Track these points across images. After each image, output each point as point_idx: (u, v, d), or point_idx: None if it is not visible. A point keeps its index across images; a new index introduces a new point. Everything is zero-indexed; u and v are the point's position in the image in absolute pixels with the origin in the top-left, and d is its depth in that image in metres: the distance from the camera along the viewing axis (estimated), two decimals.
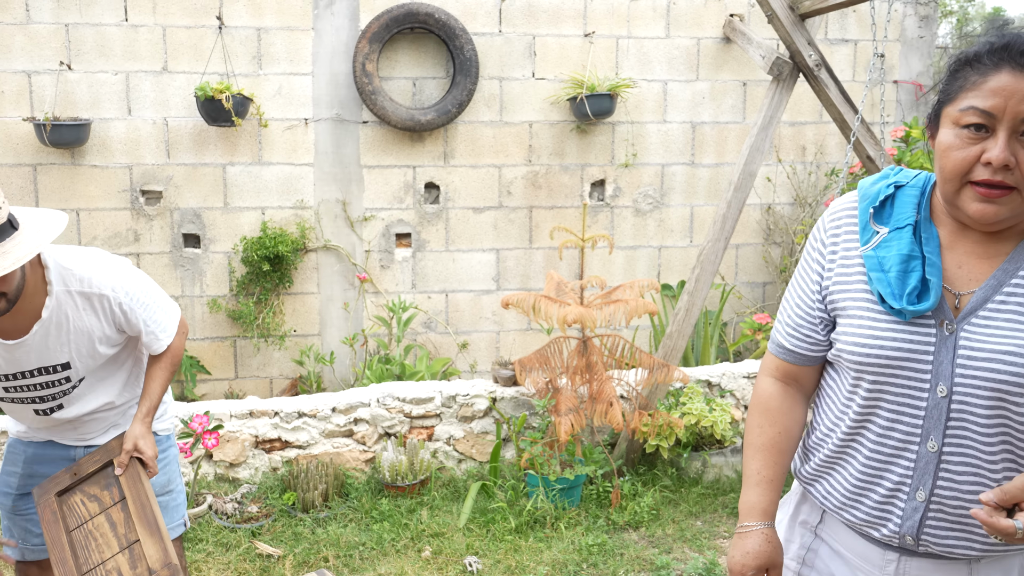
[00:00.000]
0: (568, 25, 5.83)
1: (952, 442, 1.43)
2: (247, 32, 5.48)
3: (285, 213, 5.67)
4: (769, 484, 1.64)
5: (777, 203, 6.28)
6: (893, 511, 1.50)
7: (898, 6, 6.23)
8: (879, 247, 1.49)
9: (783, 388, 1.69)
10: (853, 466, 1.54)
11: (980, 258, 1.45)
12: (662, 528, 4.10)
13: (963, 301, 1.44)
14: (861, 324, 1.49)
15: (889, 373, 1.46)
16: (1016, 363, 1.36)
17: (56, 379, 2.37)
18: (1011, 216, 1.39)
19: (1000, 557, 1.49)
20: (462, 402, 4.60)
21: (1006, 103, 1.33)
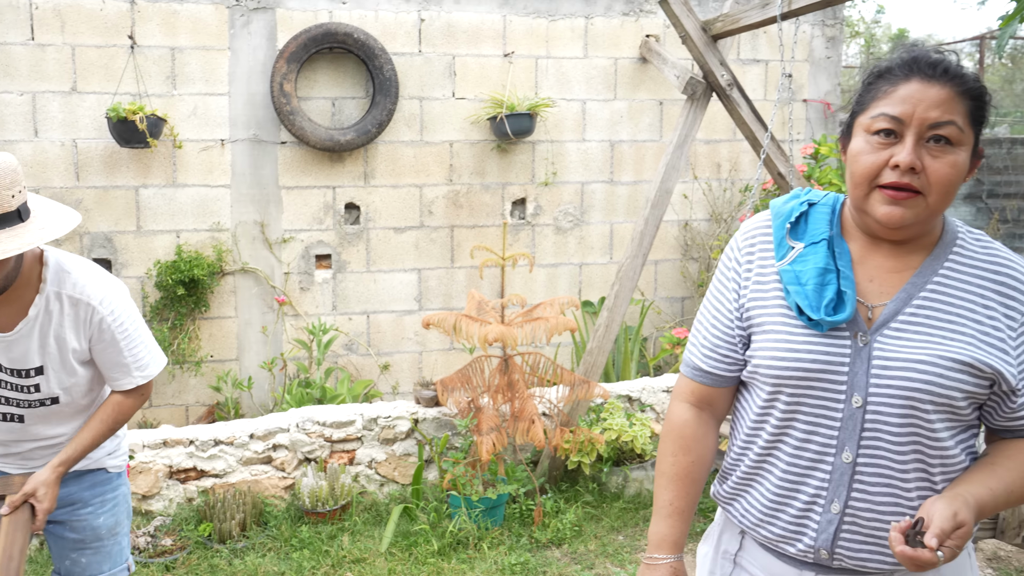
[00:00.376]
0: (487, 45, 5.87)
1: (866, 453, 1.45)
2: (161, 52, 5.38)
3: (201, 236, 5.55)
4: (680, 515, 1.64)
5: (694, 219, 6.40)
6: (809, 524, 1.51)
7: (806, 28, 6.44)
8: (795, 262, 1.52)
9: (697, 414, 1.68)
10: (770, 480, 1.55)
11: (890, 271, 1.49)
12: (584, 544, 4.11)
13: (876, 313, 1.47)
14: (778, 338, 1.51)
15: (806, 385, 1.48)
16: (927, 371, 1.40)
17: (27, 384, 2.26)
18: (916, 222, 1.43)
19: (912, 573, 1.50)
20: (384, 424, 4.56)
21: (914, 109, 1.39)
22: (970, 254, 1.48)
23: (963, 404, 1.43)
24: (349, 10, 5.60)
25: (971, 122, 1.42)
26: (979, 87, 1.43)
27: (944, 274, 1.47)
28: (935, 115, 1.38)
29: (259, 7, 5.48)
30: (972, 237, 1.51)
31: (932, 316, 1.44)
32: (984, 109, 1.44)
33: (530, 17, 5.93)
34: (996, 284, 1.45)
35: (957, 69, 1.42)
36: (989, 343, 1.42)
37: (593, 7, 6.03)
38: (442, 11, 5.77)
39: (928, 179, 1.39)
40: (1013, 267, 1.47)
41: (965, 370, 1.40)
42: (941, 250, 1.48)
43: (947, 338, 1.42)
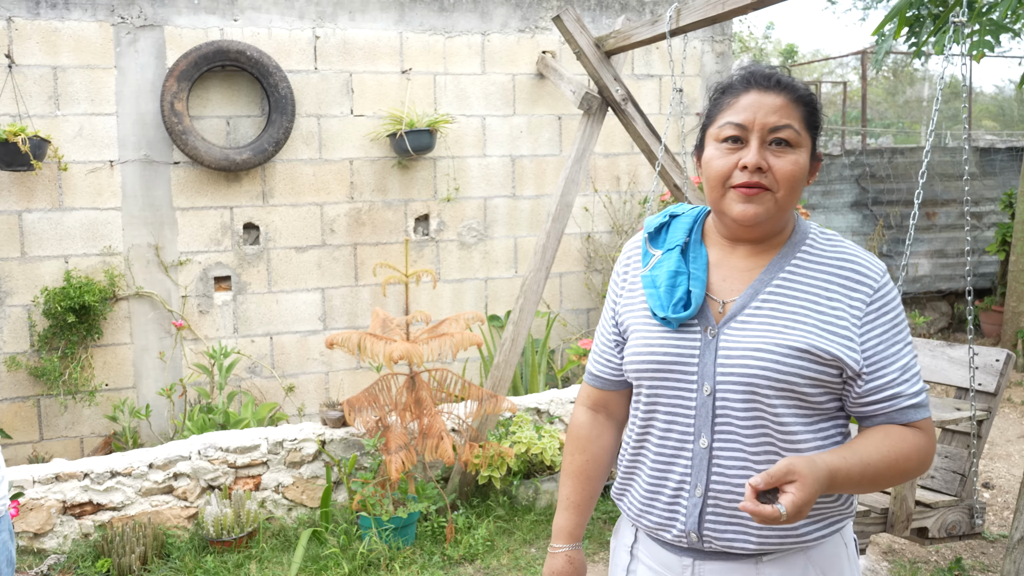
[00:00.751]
0: (385, 62, 5.86)
1: (720, 438, 1.55)
2: (42, 71, 5.18)
3: (92, 260, 5.36)
4: (576, 508, 1.78)
5: (596, 231, 6.51)
6: (679, 510, 1.59)
7: (696, 44, 6.64)
8: (654, 267, 1.66)
9: (593, 416, 1.80)
10: (644, 471, 1.65)
11: (742, 271, 1.61)
12: (497, 559, 4.12)
13: (726, 308, 1.59)
14: (639, 336, 1.64)
15: (661, 377, 1.60)
16: (764, 358, 1.51)
17: None
18: (768, 217, 1.55)
19: (782, 556, 1.56)
20: (290, 447, 4.47)
21: (755, 116, 1.53)
22: (818, 251, 1.59)
23: (809, 391, 1.51)
24: (241, 27, 5.51)
25: (806, 126, 1.56)
26: (809, 95, 1.57)
27: (791, 270, 1.57)
28: (773, 120, 1.52)
29: (146, 24, 5.34)
30: (823, 237, 1.62)
31: (776, 308, 1.54)
32: (816, 115, 1.59)
33: (427, 34, 5.94)
34: (841, 277, 1.55)
35: (788, 80, 1.57)
36: (831, 331, 1.51)
37: (489, 24, 6.09)
38: (337, 28, 5.74)
39: (774, 176, 1.52)
40: (858, 261, 1.57)
41: (803, 356, 1.50)
42: (789, 249, 1.60)
43: (787, 327, 1.52)
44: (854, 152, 9.01)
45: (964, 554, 4.12)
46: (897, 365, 1.53)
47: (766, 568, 1.56)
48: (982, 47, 4.85)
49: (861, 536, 3.16)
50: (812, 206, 8.55)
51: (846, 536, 1.64)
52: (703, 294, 1.59)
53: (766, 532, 1.54)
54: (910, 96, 22.08)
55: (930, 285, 9.05)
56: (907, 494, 3.12)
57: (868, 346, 1.53)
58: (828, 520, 1.58)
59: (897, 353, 1.53)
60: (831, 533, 1.58)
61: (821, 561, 1.58)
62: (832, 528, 1.58)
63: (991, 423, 3.40)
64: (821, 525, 1.57)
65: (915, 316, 8.59)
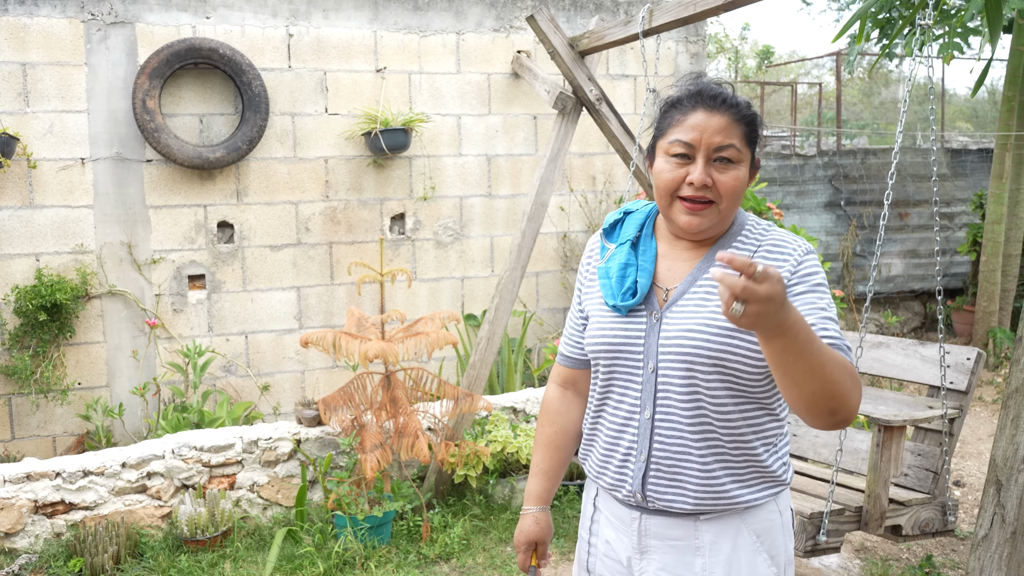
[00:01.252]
0: (359, 60, 5.84)
1: (661, 410, 1.73)
2: (10, 67, 5.11)
3: (63, 259, 5.30)
4: (544, 475, 2.00)
5: (572, 231, 6.52)
6: (627, 473, 1.78)
7: (670, 44, 6.67)
8: (608, 260, 1.85)
9: (561, 392, 2.01)
10: (601, 438, 1.85)
11: (684, 262, 1.79)
12: (473, 557, 4.12)
13: (668, 295, 1.76)
14: (595, 322, 1.83)
15: (613, 357, 1.78)
16: (698, 336, 1.67)
17: None
18: (711, 225, 1.72)
19: (717, 517, 1.74)
20: (265, 446, 4.45)
21: (701, 136, 1.68)
22: (753, 239, 1.76)
23: (740, 368, 1.66)
24: (214, 25, 5.47)
25: (746, 142, 1.71)
26: (751, 113, 1.73)
27: None
28: (718, 140, 1.68)
29: (116, 21, 5.29)
30: (758, 227, 1.79)
31: (710, 292, 1.71)
32: (756, 130, 1.74)
33: (401, 33, 5.93)
34: (770, 257, 1.71)
35: (733, 99, 1.71)
36: None
37: (464, 23, 6.09)
38: (311, 26, 5.71)
39: (718, 190, 1.69)
40: (784, 242, 1.73)
41: (731, 335, 1.65)
42: (726, 239, 1.77)
43: (718, 308, 1.67)
44: (828, 153, 9.09)
45: (935, 551, 4.17)
46: (819, 317, 1.63)
47: (703, 526, 1.75)
48: (951, 48, 4.91)
49: (835, 534, 3.19)
50: (786, 206, 8.62)
51: (781, 505, 1.80)
52: (649, 283, 1.77)
53: (700, 493, 1.72)
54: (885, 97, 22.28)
55: (903, 285, 9.14)
56: (881, 492, 3.15)
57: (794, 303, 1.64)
58: (760, 485, 1.74)
59: (820, 310, 1.64)
60: (764, 499, 1.75)
61: (755, 524, 1.75)
62: (764, 493, 1.74)
63: (963, 421, 3.44)
64: (753, 489, 1.73)
65: (888, 316, 8.68)
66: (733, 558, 1.74)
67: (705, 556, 1.75)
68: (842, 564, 4.04)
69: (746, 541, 1.75)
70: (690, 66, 6.76)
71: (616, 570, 1.87)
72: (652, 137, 1.80)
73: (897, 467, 3.19)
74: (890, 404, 3.34)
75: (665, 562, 1.77)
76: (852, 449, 3.66)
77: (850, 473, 3.66)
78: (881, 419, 3.12)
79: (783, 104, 19.53)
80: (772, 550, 1.77)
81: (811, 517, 3.14)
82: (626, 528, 1.83)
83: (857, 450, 3.65)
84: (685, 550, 1.76)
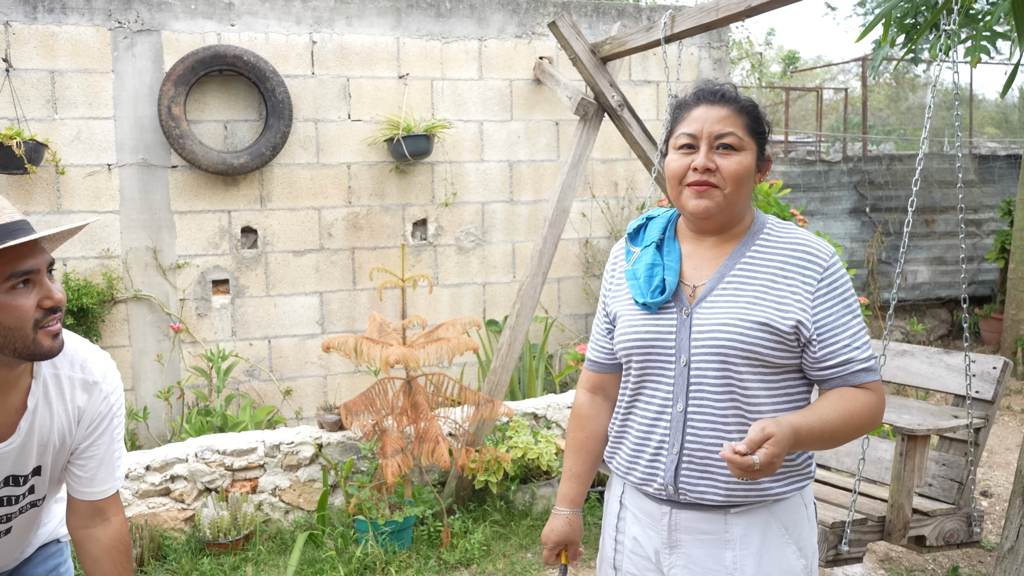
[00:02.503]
0: (382, 67, 5.87)
1: (694, 403, 1.80)
2: (39, 75, 5.19)
3: (90, 263, 5.36)
4: (577, 478, 2.06)
5: (594, 237, 6.51)
6: (659, 467, 1.84)
7: (693, 50, 6.65)
8: (635, 263, 1.93)
9: (591, 397, 2.07)
10: (631, 434, 1.90)
11: (710, 259, 1.87)
12: (493, 564, 4.11)
13: (696, 292, 1.84)
14: (625, 321, 1.90)
15: (645, 353, 1.85)
16: (731, 330, 1.75)
17: (19, 493, 1.83)
18: (719, 210, 1.81)
19: (747, 509, 1.80)
20: (287, 451, 4.47)
21: (703, 126, 1.80)
22: (775, 239, 1.84)
23: (771, 359, 1.75)
24: (238, 32, 5.52)
25: (749, 132, 1.82)
26: (751, 105, 1.83)
27: (751, 255, 1.82)
28: (718, 128, 1.79)
29: (143, 29, 5.35)
30: (780, 227, 1.86)
31: (739, 289, 1.79)
32: (759, 123, 1.84)
33: (423, 39, 5.96)
34: (794, 258, 1.79)
35: (732, 93, 1.83)
36: (787, 306, 1.75)
37: (486, 29, 6.10)
38: (334, 33, 5.75)
39: (722, 175, 1.78)
40: (809, 245, 1.81)
41: (763, 328, 1.74)
42: (749, 238, 1.85)
43: (749, 304, 1.76)
44: (853, 159, 9.02)
45: (961, 562, 4.11)
46: (847, 334, 1.76)
47: (733, 518, 1.80)
48: (978, 52, 4.86)
49: (857, 544, 3.16)
50: (810, 212, 8.56)
51: (806, 498, 1.88)
52: (676, 281, 1.85)
53: (732, 486, 1.77)
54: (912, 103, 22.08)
55: (929, 292, 9.04)
56: (904, 502, 3.12)
57: (820, 317, 1.76)
58: (788, 479, 1.81)
59: (847, 324, 1.76)
60: (792, 491, 1.81)
61: (783, 516, 1.82)
62: (792, 486, 1.81)
63: (989, 431, 3.39)
64: (783, 483, 1.80)
65: (914, 323, 8.59)
66: (763, 550, 1.79)
67: (736, 549, 1.79)
68: (865, 574, 3.99)
69: (775, 533, 1.80)
70: (713, 72, 6.74)
71: (644, 567, 1.91)
72: (663, 140, 1.94)
73: (921, 477, 3.15)
74: (914, 413, 3.30)
75: (695, 556, 1.82)
76: (875, 458, 3.62)
77: (873, 482, 3.62)
78: (905, 428, 3.08)
79: (808, 110, 19.41)
80: (800, 542, 1.83)
81: (833, 526, 3.11)
82: (655, 524, 1.87)
83: (880, 459, 3.61)
84: (715, 544, 1.80)
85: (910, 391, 6.72)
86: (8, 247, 1.61)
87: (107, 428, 1.85)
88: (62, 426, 1.81)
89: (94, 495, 1.90)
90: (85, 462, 1.87)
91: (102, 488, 1.90)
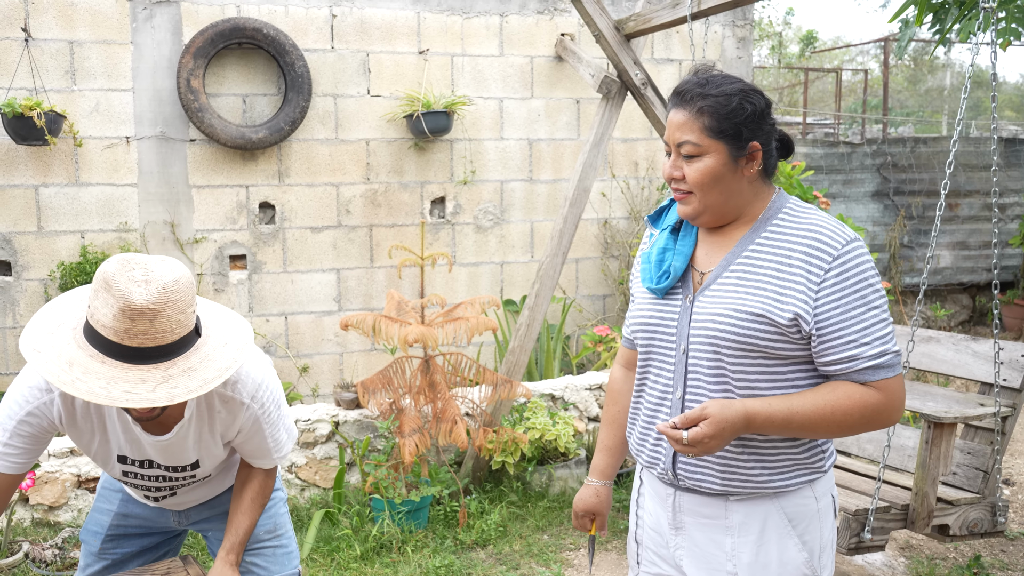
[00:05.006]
0: (402, 42, 5.80)
1: (691, 390, 1.79)
2: (58, 45, 5.15)
3: (108, 236, 5.35)
4: (608, 451, 2.10)
5: (613, 217, 6.45)
6: (661, 452, 1.85)
7: (717, 28, 6.55)
8: (651, 246, 1.93)
9: (624, 373, 2.11)
10: (641, 416, 1.92)
11: (721, 247, 1.83)
12: (509, 544, 4.10)
13: (704, 279, 1.81)
14: (635, 304, 1.93)
15: (649, 337, 1.87)
16: (723, 320, 1.72)
17: (181, 476, 2.21)
18: (701, 213, 1.78)
19: (749, 498, 1.78)
20: (303, 428, 4.46)
21: (670, 135, 1.78)
22: (788, 224, 1.76)
23: (772, 351, 1.70)
24: (258, 5, 5.47)
25: (710, 135, 1.72)
26: (712, 103, 1.71)
27: (759, 243, 1.77)
28: (677, 136, 1.76)
29: (162, 0, 5.30)
30: (797, 211, 1.78)
31: (741, 277, 1.74)
32: (725, 118, 1.71)
33: (444, 14, 5.88)
34: (803, 246, 1.71)
35: (692, 92, 1.73)
36: (787, 297, 1.69)
37: (508, 5, 6.02)
38: (354, 7, 5.68)
39: (688, 182, 1.76)
40: (822, 231, 1.71)
41: (759, 320, 1.69)
42: (760, 224, 1.79)
43: (748, 294, 1.71)
44: (876, 141, 8.90)
45: (984, 551, 4.07)
46: (856, 328, 1.66)
47: (734, 505, 1.79)
48: (1008, 35, 4.75)
49: (880, 532, 3.12)
50: (833, 195, 8.46)
51: (818, 491, 1.81)
52: (683, 267, 1.83)
53: (727, 475, 1.76)
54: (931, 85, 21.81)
55: (951, 277, 8.94)
56: (929, 490, 3.07)
57: (825, 309, 1.67)
58: (791, 472, 1.76)
59: (857, 317, 1.66)
60: (797, 484, 1.77)
61: (788, 508, 1.78)
62: (797, 480, 1.77)
63: (1016, 420, 3.34)
64: (784, 476, 1.76)
65: (936, 309, 8.50)
66: (762, 539, 1.77)
67: (735, 536, 1.79)
68: (887, 562, 3.96)
69: (776, 523, 1.77)
70: (736, 51, 6.64)
71: (658, 543, 1.94)
72: None
73: (947, 465, 3.11)
74: (939, 400, 3.25)
75: (697, 539, 1.84)
76: (898, 446, 3.57)
77: (896, 470, 3.57)
78: (932, 415, 3.03)
79: (826, 91, 19.19)
80: (805, 535, 1.78)
81: (856, 514, 3.07)
82: (663, 503, 1.90)
83: (903, 447, 3.57)
84: (716, 529, 1.81)
85: (930, 377, 6.65)
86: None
87: (258, 431, 2.12)
88: (215, 432, 2.10)
89: (253, 463, 2.25)
90: (241, 449, 2.21)
91: (259, 463, 2.24)
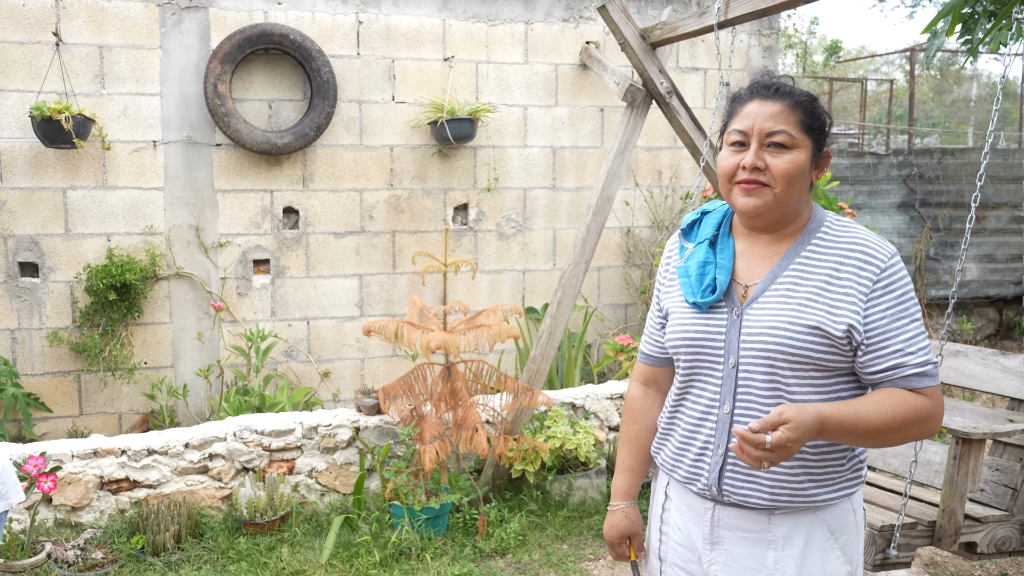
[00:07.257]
0: (427, 49, 5.82)
1: (741, 404, 1.77)
2: (88, 49, 5.20)
3: (133, 239, 5.39)
4: (630, 471, 2.06)
5: (636, 226, 6.43)
6: (703, 467, 1.82)
7: (743, 37, 6.52)
8: (687, 259, 1.90)
9: (644, 390, 2.07)
10: (678, 431, 1.89)
11: (764, 258, 1.82)
12: (528, 554, 4.08)
13: (749, 291, 1.80)
14: (676, 318, 1.88)
15: (694, 352, 1.83)
16: (779, 334, 1.71)
17: None
18: (768, 209, 1.76)
19: (792, 511, 1.76)
20: (324, 433, 4.46)
21: (754, 123, 1.75)
22: (832, 237, 1.77)
23: (822, 362, 1.70)
24: (285, 11, 5.50)
25: (804, 129, 1.75)
26: (806, 99, 1.76)
27: (806, 255, 1.77)
28: (769, 126, 1.74)
29: (191, 6, 5.35)
30: (839, 224, 1.79)
31: (791, 290, 1.74)
32: (815, 118, 1.77)
33: (470, 21, 5.89)
34: (852, 258, 1.73)
35: (787, 88, 1.77)
36: (840, 309, 1.70)
37: (533, 13, 6.02)
38: (380, 13, 5.70)
39: (772, 174, 1.73)
40: (867, 243, 1.74)
41: (814, 332, 1.69)
42: (805, 236, 1.80)
43: (802, 306, 1.71)
44: (902, 152, 8.82)
45: (1010, 569, 4.01)
46: (902, 338, 1.69)
47: (777, 518, 1.77)
48: None
49: (906, 549, 3.08)
50: (858, 206, 8.39)
51: (855, 503, 1.82)
52: (727, 280, 1.81)
53: (776, 489, 1.74)
54: (957, 95, 21.62)
55: (978, 290, 8.84)
56: (956, 507, 3.03)
57: (873, 319, 1.69)
58: (836, 485, 1.76)
59: (903, 327, 1.70)
60: (839, 497, 1.77)
61: (830, 520, 1.77)
62: (840, 493, 1.77)
63: None
64: (829, 489, 1.75)
65: (963, 322, 8.41)
66: (806, 553, 1.76)
67: (778, 550, 1.77)
68: None
69: (820, 537, 1.76)
70: (762, 60, 6.60)
71: (687, 558, 1.91)
72: (719, 134, 1.90)
73: (975, 482, 3.06)
74: (967, 416, 3.20)
75: (736, 554, 1.80)
76: (925, 461, 3.53)
77: (921, 486, 3.53)
78: (960, 431, 2.99)
79: (851, 101, 19.07)
80: (846, 547, 1.79)
81: (881, 530, 3.03)
82: (698, 518, 1.86)
83: (930, 462, 3.52)
84: (757, 543, 1.78)
85: (955, 391, 6.57)
86: None
87: None
88: None
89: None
90: None
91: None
